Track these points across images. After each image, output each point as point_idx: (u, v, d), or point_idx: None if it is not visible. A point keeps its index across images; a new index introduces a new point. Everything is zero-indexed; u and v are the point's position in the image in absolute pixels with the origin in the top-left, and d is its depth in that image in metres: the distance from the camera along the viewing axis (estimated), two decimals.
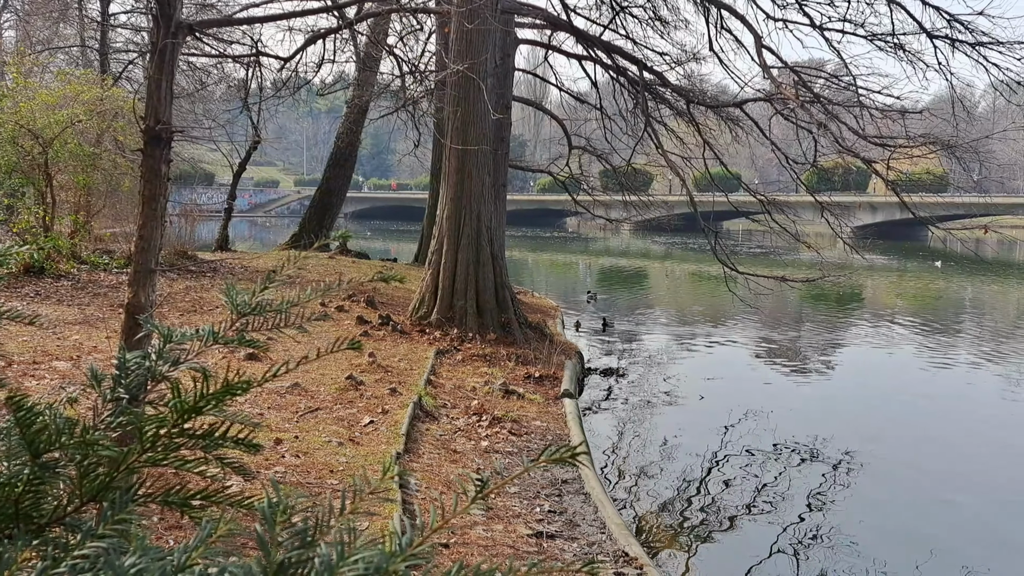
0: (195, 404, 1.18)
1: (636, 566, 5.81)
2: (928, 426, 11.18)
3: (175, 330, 1.52)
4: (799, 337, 18.44)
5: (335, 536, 0.83)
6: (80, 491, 1.10)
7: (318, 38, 12.02)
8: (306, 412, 7.91)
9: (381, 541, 0.84)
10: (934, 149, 13.76)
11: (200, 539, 0.88)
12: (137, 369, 1.45)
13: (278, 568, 0.79)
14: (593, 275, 33.91)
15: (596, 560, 4.06)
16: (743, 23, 13.95)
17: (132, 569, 0.78)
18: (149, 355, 1.50)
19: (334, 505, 0.92)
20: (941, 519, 7.99)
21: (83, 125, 14.48)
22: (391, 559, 0.78)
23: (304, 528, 0.85)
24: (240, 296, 1.55)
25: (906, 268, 37.45)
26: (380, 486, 1.03)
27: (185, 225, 20.96)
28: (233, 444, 1.25)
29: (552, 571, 0.88)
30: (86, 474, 1.10)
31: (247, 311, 1.53)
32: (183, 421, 1.19)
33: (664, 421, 10.81)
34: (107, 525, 0.93)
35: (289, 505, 0.88)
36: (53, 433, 1.06)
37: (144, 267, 4.03)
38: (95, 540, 0.89)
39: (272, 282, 1.57)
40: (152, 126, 4.06)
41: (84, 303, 11.94)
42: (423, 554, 0.82)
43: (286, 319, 1.54)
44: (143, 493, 1.14)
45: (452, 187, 12.67)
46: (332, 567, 0.77)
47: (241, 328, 1.52)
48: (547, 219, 75.65)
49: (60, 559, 0.84)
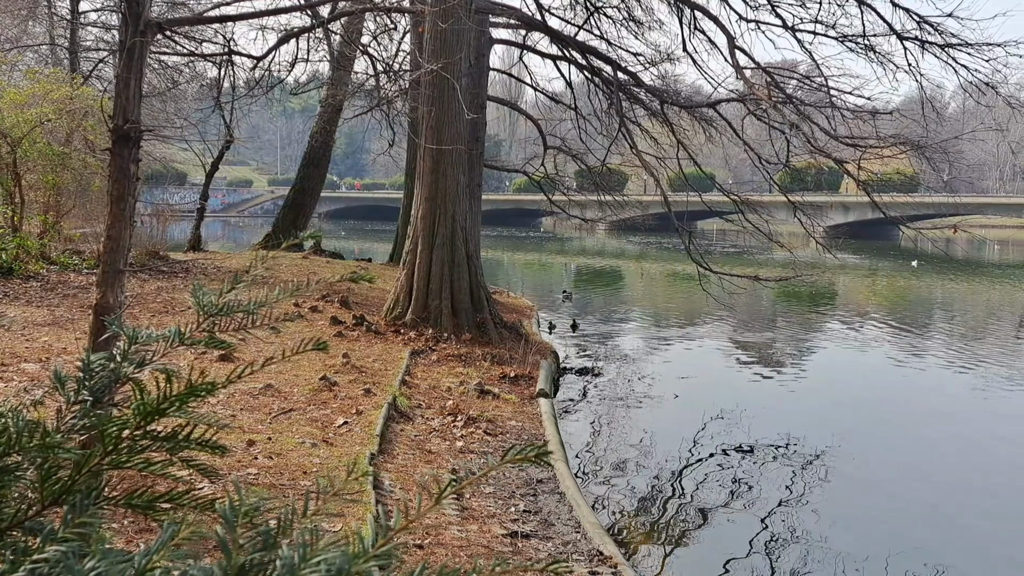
0: (158, 406, 1.17)
1: (611, 565, 5.82)
2: (901, 424, 11.30)
3: (140, 331, 1.50)
4: (773, 336, 18.59)
5: (298, 537, 0.82)
6: (41, 494, 1.09)
7: (291, 37, 11.95)
8: (279, 413, 7.86)
9: (345, 542, 0.84)
10: (904, 149, 13.93)
11: (162, 542, 0.87)
12: (101, 371, 1.43)
13: (239, 571, 0.78)
14: (569, 274, 33.97)
15: (561, 560, 4.10)
16: (716, 24, 14.04)
17: (92, 573, 0.77)
18: (114, 356, 1.49)
19: (297, 506, 0.92)
20: (913, 515, 8.08)
21: (52, 124, 14.31)
22: (354, 560, 0.78)
23: (267, 530, 0.85)
24: (207, 296, 1.53)
25: (882, 267, 37.84)
26: (346, 487, 1.02)
27: (157, 225, 20.77)
28: (197, 446, 1.24)
29: (517, 570, 0.88)
30: (47, 477, 1.08)
31: (214, 312, 1.51)
32: (146, 423, 1.17)
33: (639, 420, 10.85)
34: (68, 528, 0.92)
35: (252, 507, 0.87)
36: (13, 436, 1.05)
37: (113, 267, 3.98)
38: (55, 543, 0.87)
39: (240, 282, 1.56)
40: (121, 125, 4.02)
41: (53, 304, 11.80)
42: (387, 554, 0.81)
43: (254, 319, 1.53)
44: (107, 496, 1.12)
45: (427, 187, 12.64)
46: (294, 569, 0.77)
47: (208, 329, 1.51)
48: (523, 219, 75.71)
49: (19, 563, 0.83)
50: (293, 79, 29.33)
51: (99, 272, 4.01)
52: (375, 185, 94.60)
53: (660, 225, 43.46)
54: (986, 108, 16.94)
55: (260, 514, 0.88)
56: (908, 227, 14.84)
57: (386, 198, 78.97)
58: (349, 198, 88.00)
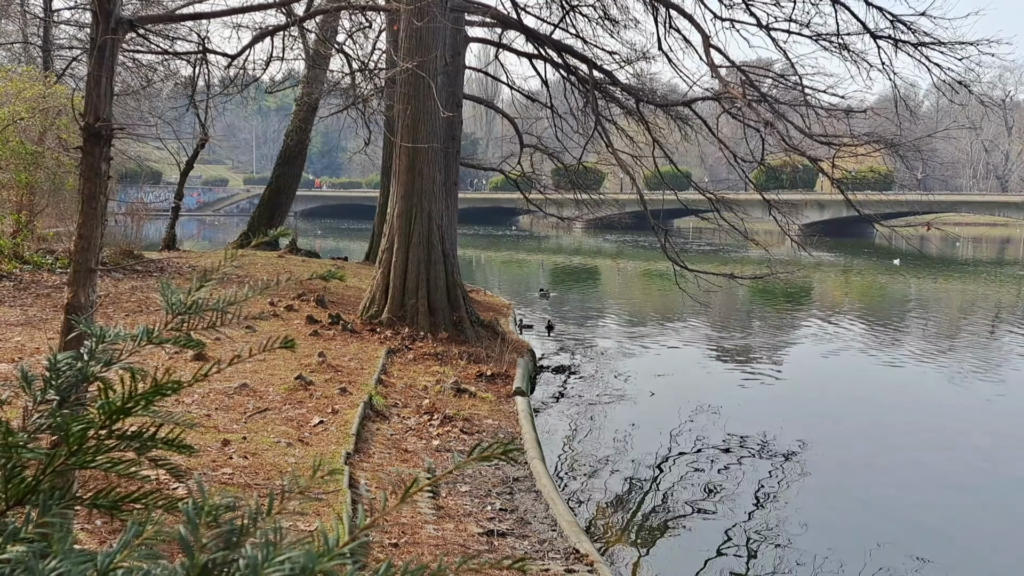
0: (123, 405, 1.16)
1: (587, 563, 5.84)
2: (876, 421, 11.40)
3: (108, 330, 1.49)
4: (749, 334, 18.72)
5: (261, 536, 0.82)
6: (6, 494, 1.08)
7: (266, 35, 11.88)
8: (255, 413, 7.82)
9: (309, 540, 0.84)
10: (878, 148, 14.07)
11: (124, 542, 0.86)
12: (68, 370, 1.42)
13: (202, 570, 0.78)
14: (546, 273, 34.02)
15: (528, 557, 4.16)
16: (691, 22, 14.10)
17: (52, 573, 0.76)
18: (81, 355, 1.47)
19: (264, 505, 0.92)
20: (888, 512, 8.16)
21: (25, 123, 14.12)
22: (318, 559, 0.78)
23: (230, 529, 0.85)
24: (176, 295, 1.52)
25: (859, 265, 38.15)
26: (312, 485, 1.02)
27: (131, 224, 20.57)
28: (163, 445, 1.24)
29: (484, 566, 0.89)
30: (11, 477, 1.07)
31: (183, 310, 1.50)
32: (111, 422, 1.17)
33: (616, 418, 10.89)
34: (30, 528, 0.91)
35: (215, 506, 0.87)
36: None
37: (84, 266, 3.95)
38: (18, 543, 0.87)
39: (208, 280, 1.55)
40: (92, 123, 3.98)
41: (27, 304, 11.66)
42: (351, 552, 0.82)
43: (223, 318, 1.52)
44: (72, 496, 1.12)
45: (403, 185, 12.61)
46: (257, 568, 0.77)
47: (177, 327, 1.50)
48: (500, 217, 75.64)
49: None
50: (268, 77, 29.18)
51: (70, 271, 3.98)
52: (351, 184, 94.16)
53: (637, 223, 43.60)
54: (959, 107, 17.14)
55: (224, 513, 0.88)
56: (882, 225, 14.99)
57: (362, 196, 78.62)
58: (325, 196, 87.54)
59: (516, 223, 76.14)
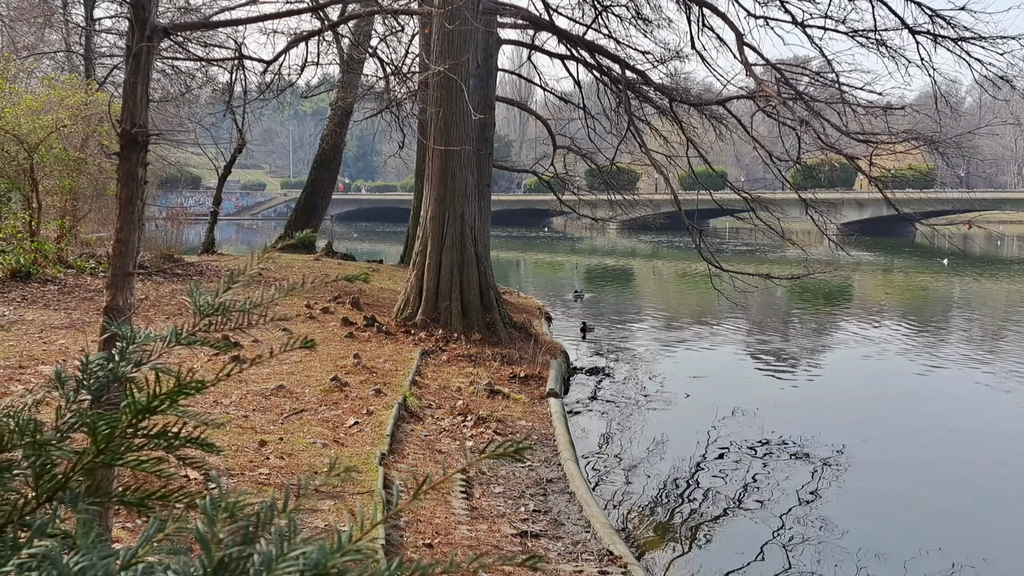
0: (148, 404, 1.19)
1: (620, 564, 5.82)
2: (918, 424, 11.19)
3: (138, 331, 1.53)
4: (786, 336, 18.52)
5: (276, 532, 0.84)
6: (36, 491, 1.11)
7: (300, 40, 12.01)
8: (291, 414, 7.90)
9: (323, 537, 0.86)
10: (917, 145, 13.85)
11: (146, 537, 0.89)
12: (99, 370, 1.46)
13: (218, 565, 0.80)
14: (580, 274, 33.96)
15: (537, 555, 4.17)
16: (725, 20, 14.01)
17: (75, 567, 0.79)
18: (112, 356, 1.51)
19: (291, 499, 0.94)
20: (930, 516, 8.02)
21: (68, 130, 14.43)
22: (331, 555, 0.79)
23: (246, 525, 0.87)
24: (203, 297, 1.55)
25: (905, 265, 37.50)
26: (328, 482, 1.04)
27: (171, 229, 20.92)
28: (187, 443, 1.26)
29: (495, 564, 0.90)
30: (41, 475, 1.10)
31: (210, 312, 1.53)
32: (137, 421, 1.19)
33: (650, 420, 10.83)
34: (56, 524, 0.94)
35: (232, 503, 0.89)
36: (3, 435, 1.07)
37: (122, 270, 4.02)
38: (45, 539, 0.90)
39: (235, 282, 1.58)
40: (128, 129, 4.05)
41: (71, 307, 11.90)
42: (363, 549, 0.83)
43: (249, 318, 1.55)
44: (101, 492, 1.14)
45: (435, 188, 12.68)
46: (271, 563, 0.79)
47: (204, 328, 1.53)
48: (534, 219, 75.69)
49: (7, 557, 0.85)
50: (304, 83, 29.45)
51: (109, 274, 4.06)
52: (386, 187, 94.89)
53: (671, 224, 43.39)
54: (1002, 102, 16.77)
55: (241, 510, 0.90)
56: (923, 224, 14.77)
57: (397, 200, 79.22)
58: (361, 200, 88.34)
59: (550, 225, 76.15)
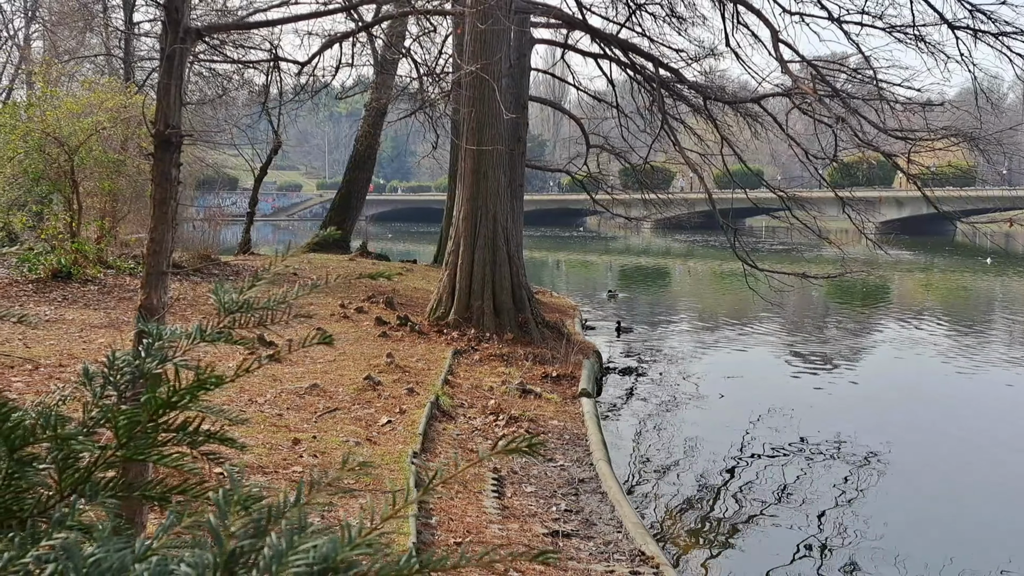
0: (168, 399, 1.21)
1: (652, 565, 5.79)
2: (958, 427, 10.96)
3: (164, 328, 1.55)
4: (823, 336, 18.28)
5: (287, 526, 0.84)
6: (60, 485, 1.13)
7: (334, 42, 12.10)
8: (324, 412, 7.96)
9: (334, 531, 0.86)
10: (956, 142, 13.59)
11: (163, 530, 0.90)
12: (125, 367, 1.48)
13: (229, 557, 0.81)
14: (614, 274, 33.83)
15: (550, 550, 4.19)
16: (759, 17, 13.86)
17: (91, 559, 0.80)
18: (139, 353, 1.53)
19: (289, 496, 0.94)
20: (968, 522, 7.86)
21: (108, 132, 14.68)
22: (340, 548, 0.79)
23: (259, 518, 0.87)
24: (227, 294, 1.57)
25: (946, 264, 36.83)
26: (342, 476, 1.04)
27: (209, 229, 21.19)
28: (208, 438, 1.28)
29: (506, 558, 0.89)
30: (65, 469, 1.12)
31: (234, 309, 1.55)
32: (157, 416, 1.21)
33: (684, 420, 10.75)
34: (75, 517, 0.96)
35: (244, 496, 0.90)
36: (27, 429, 1.09)
37: (156, 269, 4.07)
38: (63, 530, 0.91)
39: (259, 281, 1.59)
40: (162, 130, 4.11)
41: (110, 307, 12.10)
42: (373, 544, 0.83)
43: (273, 316, 1.56)
44: (123, 486, 1.16)
45: (468, 187, 12.71)
46: (281, 555, 0.79)
47: (229, 325, 1.55)
48: (567, 218, 75.58)
49: (27, 549, 0.86)
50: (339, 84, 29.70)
51: (143, 274, 4.12)
52: (420, 188, 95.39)
53: (707, 223, 43.03)
54: None
55: (254, 503, 0.91)
56: (963, 222, 14.51)
57: (431, 200, 79.56)
58: (395, 201, 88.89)
59: (584, 224, 75.97)
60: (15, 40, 31.21)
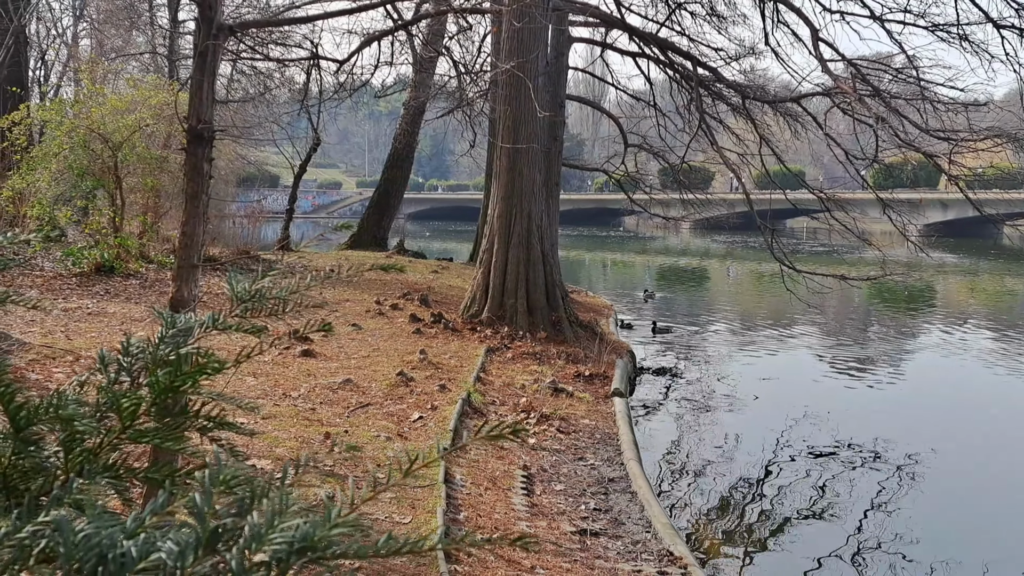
0: (171, 383, 1.23)
1: (681, 566, 5.75)
2: (1000, 434, 10.73)
3: (178, 317, 1.58)
4: (863, 339, 18.01)
5: (268, 505, 0.86)
6: (66, 466, 1.16)
7: (373, 39, 12.19)
8: (357, 407, 8.03)
9: (314, 510, 0.87)
10: (1000, 142, 13.31)
11: (153, 508, 0.92)
12: (139, 353, 1.51)
13: (211, 535, 0.83)
14: (651, 274, 33.64)
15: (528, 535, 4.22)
16: (800, 16, 13.70)
17: (81, 533, 0.82)
18: (151, 340, 1.56)
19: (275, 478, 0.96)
20: (1009, 530, 7.70)
21: (151, 129, 14.93)
22: (319, 528, 0.81)
23: (241, 498, 0.89)
24: (240, 284, 1.60)
25: (991, 267, 36.06)
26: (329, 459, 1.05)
27: (249, 226, 21.46)
28: (207, 421, 1.30)
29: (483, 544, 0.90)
30: (70, 449, 1.15)
31: (246, 298, 1.57)
32: (160, 400, 1.23)
33: (718, 421, 10.66)
34: (71, 496, 0.98)
35: (229, 476, 0.92)
36: (31, 410, 1.12)
37: (187, 262, 4.14)
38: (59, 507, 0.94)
39: (272, 271, 1.62)
40: (194, 125, 4.18)
41: (151, 300, 12.31)
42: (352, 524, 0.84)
43: (284, 305, 1.58)
44: (126, 468, 1.19)
45: (503, 186, 12.72)
46: (261, 535, 0.80)
47: (241, 314, 1.57)
48: (605, 218, 75.29)
49: (23, 524, 0.89)
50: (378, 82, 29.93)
51: (174, 267, 4.20)
52: (459, 186, 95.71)
53: (746, 224, 42.57)
54: None
55: (238, 484, 0.92)
56: (1008, 225, 14.20)
57: (469, 199, 79.73)
58: (433, 199, 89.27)
59: (621, 224, 75.63)
60: (63, 38, 31.87)
